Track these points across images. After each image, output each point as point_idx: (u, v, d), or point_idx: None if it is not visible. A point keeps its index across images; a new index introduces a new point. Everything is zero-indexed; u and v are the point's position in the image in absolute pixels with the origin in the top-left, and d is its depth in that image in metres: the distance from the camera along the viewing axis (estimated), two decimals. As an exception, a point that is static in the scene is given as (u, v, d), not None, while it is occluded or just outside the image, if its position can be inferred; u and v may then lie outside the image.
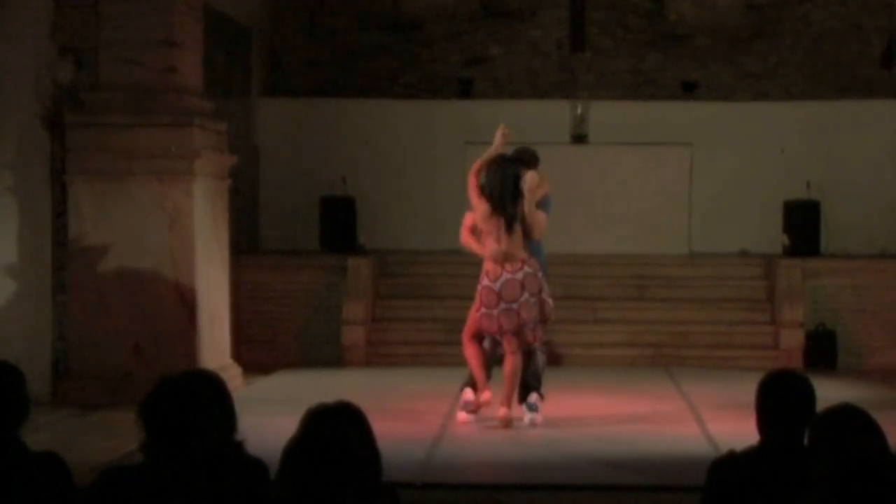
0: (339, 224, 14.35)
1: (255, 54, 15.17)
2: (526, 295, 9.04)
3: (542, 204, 9.46)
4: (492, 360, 9.44)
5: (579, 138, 15.05)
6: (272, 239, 15.16)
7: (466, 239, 9.44)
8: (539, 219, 9.34)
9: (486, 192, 9.10)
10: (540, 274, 9.19)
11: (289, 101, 15.54)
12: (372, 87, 15.89)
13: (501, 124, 9.44)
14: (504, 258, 9.07)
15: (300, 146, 15.25)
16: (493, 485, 7.85)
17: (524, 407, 9.40)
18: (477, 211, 9.16)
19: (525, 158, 9.34)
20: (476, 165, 9.26)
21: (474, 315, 9.30)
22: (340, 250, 14.00)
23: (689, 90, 15.73)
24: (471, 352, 9.33)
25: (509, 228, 9.07)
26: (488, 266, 9.14)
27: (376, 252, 14.20)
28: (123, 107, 10.63)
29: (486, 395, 9.35)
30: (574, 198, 14.30)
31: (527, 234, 9.20)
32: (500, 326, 9.07)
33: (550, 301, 9.28)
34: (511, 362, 9.13)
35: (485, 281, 9.14)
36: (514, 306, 9.04)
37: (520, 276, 9.05)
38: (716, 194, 14.89)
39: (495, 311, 9.06)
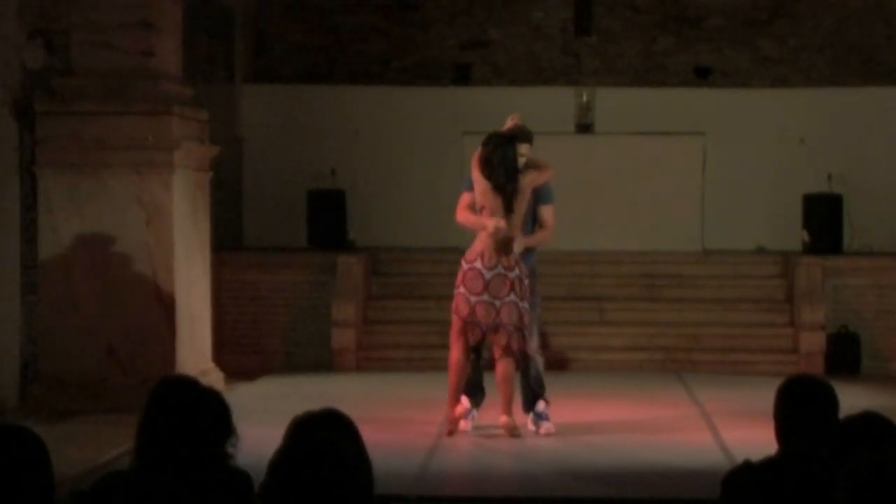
0: (328, 219, 14.35)
1: (238, 37, 15.16)
2: (512, 296, 9.05)
3: (544, 194, 9.46)
4: (480, 365, 9.45)
5: (585, 128, 15.06)
6: (256, 235, 15.16)
7: (464, 216, 9.39)
8: (548, 219, 9.37)
9: (486, 168, 9.15)
10: (526, 280, 9.17)
11: (275, 87, 15.54)
12: (363, 72, 15.89)
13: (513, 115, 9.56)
14: (504, 244, 9.06)
15: (287, 136, 15.25)
16: (492, 498, 7.86)
17: (531, 417, 9.40)
18: (478, 186, 9.19)
19: (517, 134, 9.37)
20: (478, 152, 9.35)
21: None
22: (329, 247, 14.00)
23: (702, 76, 15.74)
24: (453, 356, 9.25)
25: (509, 207, 9.10)
26: (482, 247, 9.11)
27: (368, 249, 14.20)
28: (97, 94, 10.62)
29: (459, 410, 9.28)
30: (579, 191, 14.30)
31: (525, 220, 9.24)
32: (474, 315, 9.06)
33: (526, 305, 9.19)
34: (502, 367, 9.13)
35: (477, 263, 9.08)
36: (497, 303, 9.04)
37: (512, 275, 9.06)
38: (731, 187, 14.90)
39: (474, 298, 9.07)
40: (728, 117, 15.11)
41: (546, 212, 9.44)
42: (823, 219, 14.11)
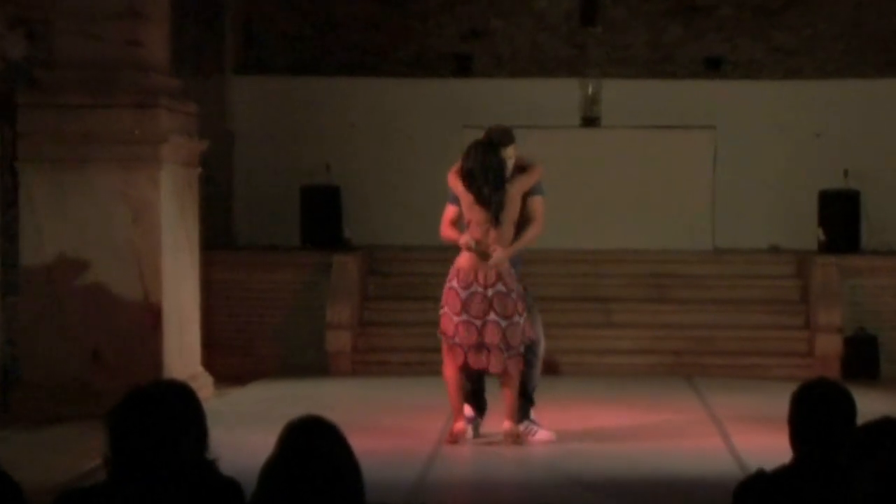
0: (322, 217, 14.35)
1: (228, 27, 15.16)
2: (493, 315, 8.99)
3: (533, 188, 9.38)
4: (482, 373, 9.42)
5: (591, 121, 15.06)
6: (248, 233, 15.15)
7: (447, 232, 9.37)
8: (537, 207, 9.28)
9: (469, 181, 9.09)
10: (514, 294, 9.07)
11: (266, 79, 15.53)
12: (359, 63, 15.87)
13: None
14: (484, 257, 9.01)
15: (279, 130, 15.25)
16: (495, 508, 7.86)
17: (524, 425, 9.33)
18: (463, 201, 9.16)
19: (496, 139, 9.27)
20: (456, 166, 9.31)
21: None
22: (324, 246, 14.00)
23: (712, 67, 15.74)
24: (447, 372, 9.20)
25: (497, 220, 9.05)
26: (462, 263, 9.08)
27: (364, 248, 14.20)
28: (81, 86, 10.61)
29: (458, 426, 9.22)
30: (585, 187, 14.31)
31: (518, 226, 9.18)
32: (458, 335, 9.02)
33: (521, 320, 9.08)
34: (505, 378, 9.10)
35: (453, 282, 9.06)
36: (478, 323, 9.00)
37: (490, 293, 9.00)
38: (743, 183, 14.90)
39: (456, 318, 9.04)
40: (740, 110, 15.11)
41: (534, 203, 9.27)
42: (839, 216, 14.11)
